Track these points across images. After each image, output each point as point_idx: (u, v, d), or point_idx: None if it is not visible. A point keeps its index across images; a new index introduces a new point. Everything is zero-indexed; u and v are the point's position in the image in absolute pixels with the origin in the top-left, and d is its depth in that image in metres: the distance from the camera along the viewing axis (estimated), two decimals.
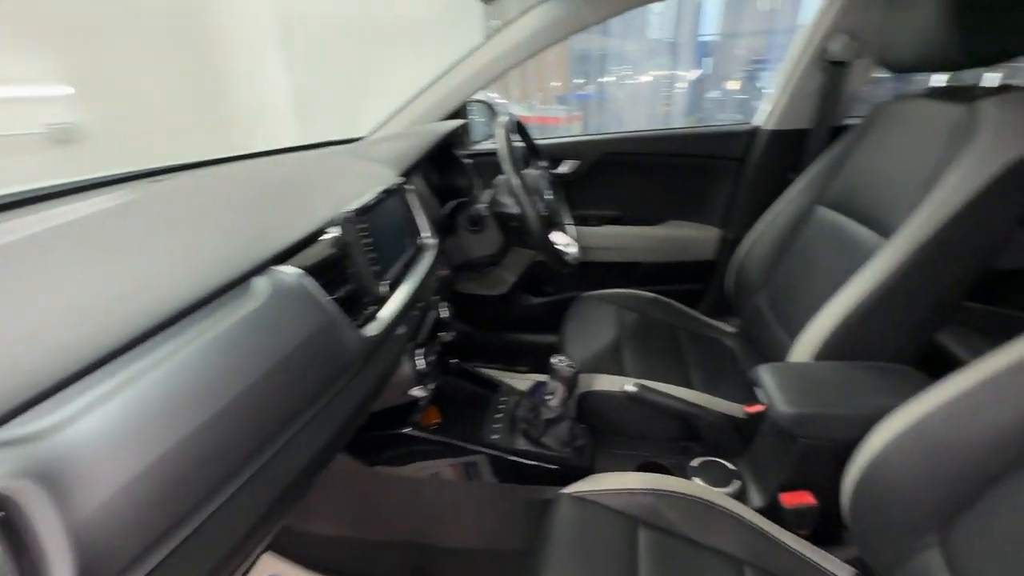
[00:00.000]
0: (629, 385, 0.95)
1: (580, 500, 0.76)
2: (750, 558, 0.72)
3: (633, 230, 1.51)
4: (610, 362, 1.09)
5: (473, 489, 0.94)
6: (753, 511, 0.77)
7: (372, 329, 0.62)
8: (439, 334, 0.98)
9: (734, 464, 0.91)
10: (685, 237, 1.50)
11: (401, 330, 0.73)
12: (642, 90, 4.94)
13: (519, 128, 1.17)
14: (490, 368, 1.26)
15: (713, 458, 0.91)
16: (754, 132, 1.39)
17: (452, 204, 1.13)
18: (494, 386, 1.09)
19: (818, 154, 1.21)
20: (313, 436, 0.54)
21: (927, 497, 0.61)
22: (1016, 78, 0.89)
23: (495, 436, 0.93)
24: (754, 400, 0.94)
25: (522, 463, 0.91)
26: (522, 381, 1.18)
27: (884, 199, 0.92)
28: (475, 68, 1.25)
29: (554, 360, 0.90)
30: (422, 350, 0.84)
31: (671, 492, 0.77)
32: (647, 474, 0.80)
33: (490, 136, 1.42)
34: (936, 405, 0.61)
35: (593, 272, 1.49)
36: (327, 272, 0.60)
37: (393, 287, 0.72)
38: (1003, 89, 0.82)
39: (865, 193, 0.99)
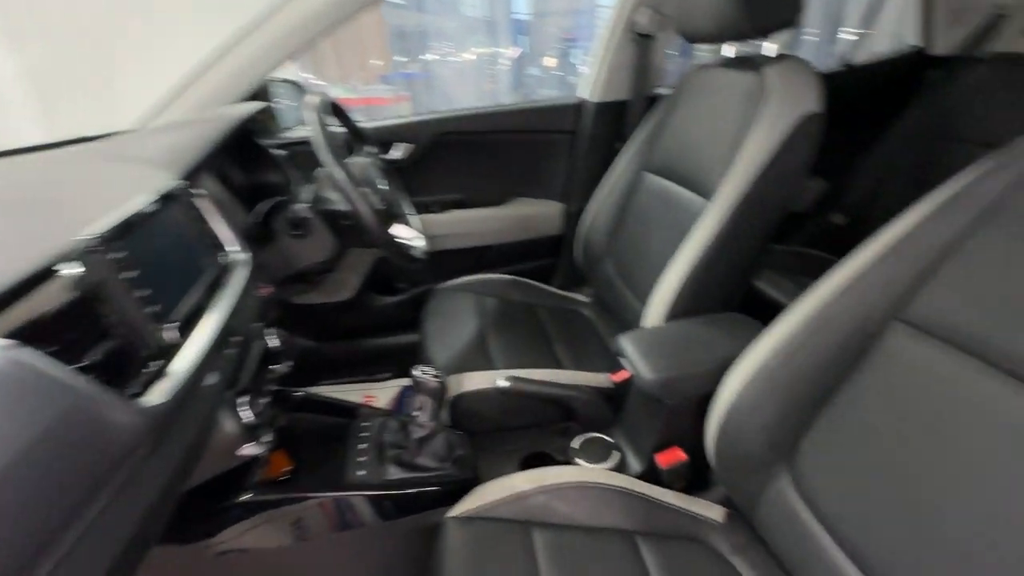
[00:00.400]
0: (501, 380, 0.90)
1: (468, 520, 0.69)
2: (639, 527, 0.72)
3: (479, 212, 1.46)
4: (477, 356, 1.03)
5: (346, 538, 0.81)
6: (634, 479, 0.78)
7: (158, 394, 0.45)
8: (270, 368, 0.80)
9: (611, 435, 0.92)
10: (530, 214, 1.50)
11: (211, 380, 0.56)
12: (467, 68, 4.91)
13: (335, 110, 1.01)
14: (350, 382, 1.11)
15: (592, 434, 0.92)
16: (580, 105, 1.42)
17: (266, 206, 0.94)
18: (352, 411, 0.95)
19: (638, 123, 1.27)
20: (90, 559, 0.38)
21: (774, 431, 0.66)
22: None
23: (362, 472, 0.81)
24: (617, 367, 0.97)
25: (399, 494, 0.80)
26: (388, 390, 1.06)
27: (700, 163, 1.00)
28: (272, 38, 1.03)
29: (416, 372, 0.81)
30: (247, 397, 0.67)
31: (559, 485, 0.74)
32: (533, 471, 0.76)
33: (302, 121, 1.22)
34: (771, 347, 0.67)
35: (445, 261, 1.41)
36: (67, 330, 0.41)
37: (186, 328, 0.54)
38: (781, 57, 0.92)
39: (684, 158, 1.06)
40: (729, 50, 1.05)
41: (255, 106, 0.99)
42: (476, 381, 0.94)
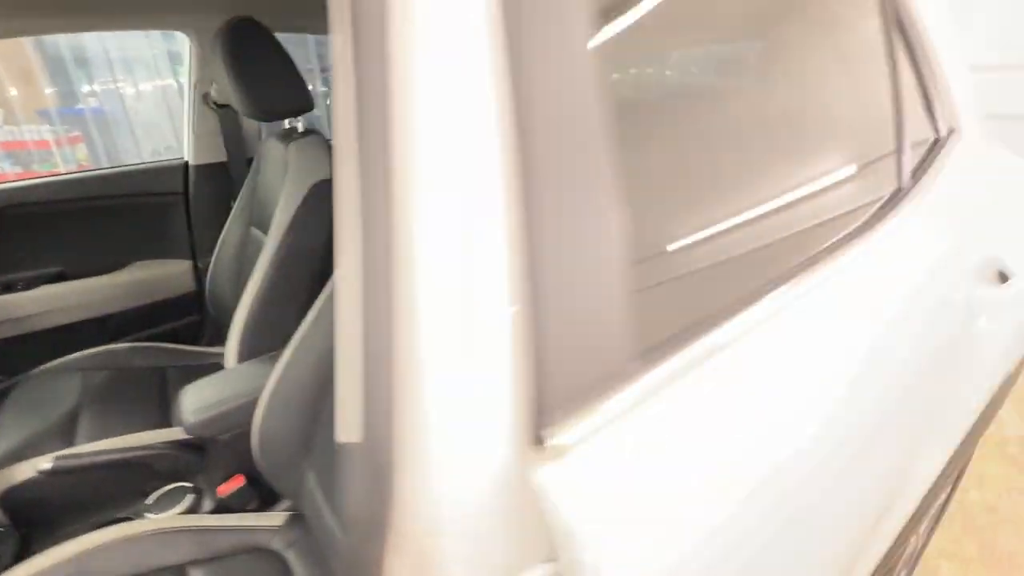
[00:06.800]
0: (45, 462, 0.90)
1: None
2: (193, 557, 0.81)
3: (86, 283, 1.38)
4: (47, 440, 0.99)
5: None
6: (197, 515, 0.88)
7: None
8: None
9: (195, 480, 1.00)
10: (157, 276, 1.48)
11: None
12: (148, 103, 4.31)
13: None
14: None
15: (172, 485, 0.98)
16: (186, 167, 1.47)
17: None
18: None
19: (242, 183, 1.39)
20: None
21: (293, 436, 0.83)
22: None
23: None
24: None
25: None
26: None
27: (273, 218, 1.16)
28: None
29: None
30: None
31: (100, 546, 0.77)
32: (71, 542, 0.77)
33: None
34: (278, 371, 0.83)
35: (44, 342, 1.30)
36: None
37: None
38: (305, 133, 1.14)
39: (268, 216, 1.21)
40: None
41: None
42: (25, 469, 0.91)
